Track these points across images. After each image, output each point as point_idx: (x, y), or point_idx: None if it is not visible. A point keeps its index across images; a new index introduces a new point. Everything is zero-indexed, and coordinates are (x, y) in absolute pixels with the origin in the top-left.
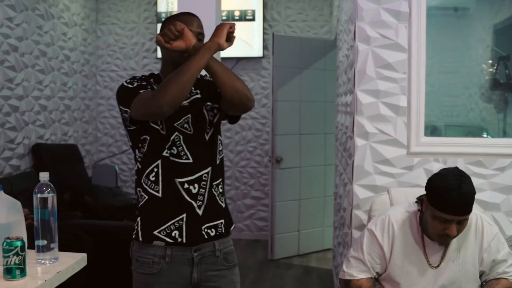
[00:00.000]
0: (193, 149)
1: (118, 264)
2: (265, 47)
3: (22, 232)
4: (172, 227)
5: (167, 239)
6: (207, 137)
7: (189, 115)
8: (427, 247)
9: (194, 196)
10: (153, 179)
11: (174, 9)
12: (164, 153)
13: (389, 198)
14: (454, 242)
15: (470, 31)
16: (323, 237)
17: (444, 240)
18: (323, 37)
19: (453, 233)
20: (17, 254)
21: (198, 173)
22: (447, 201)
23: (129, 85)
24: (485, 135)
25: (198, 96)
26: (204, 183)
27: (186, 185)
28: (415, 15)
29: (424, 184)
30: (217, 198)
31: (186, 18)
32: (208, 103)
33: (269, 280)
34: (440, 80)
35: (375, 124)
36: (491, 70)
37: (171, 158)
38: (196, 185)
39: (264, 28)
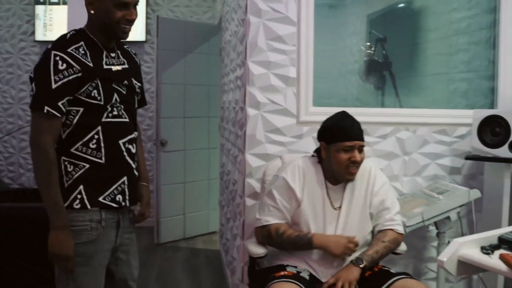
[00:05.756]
0: (127, 109)
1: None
2: (148, 32)
3: None
4: (115, 191)
5: (113, 204)
6: (135, 101)
7: (125, 80)
8: (330, 190)
9: (132, 157)
10: (93, 146)
11: None
12: (103, 119)
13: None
14: (349, 186)
15: (346, 21)
16: (208, 220)
17: (350, 171)
18: (207, 22)
19: (358, 158)
20: None
21: (133, 132)
22: (346, 130)
23: (55, 78)
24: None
25: (126, 66)
26: (135, 144)
27: (127, 145)
28: None
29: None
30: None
31: None
32: (137, 83)
33: (157, 263)
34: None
35: (266, 95)
36: (369, 51)
37: (112, 120)
38: (134, 144)
39: (147, 13)
